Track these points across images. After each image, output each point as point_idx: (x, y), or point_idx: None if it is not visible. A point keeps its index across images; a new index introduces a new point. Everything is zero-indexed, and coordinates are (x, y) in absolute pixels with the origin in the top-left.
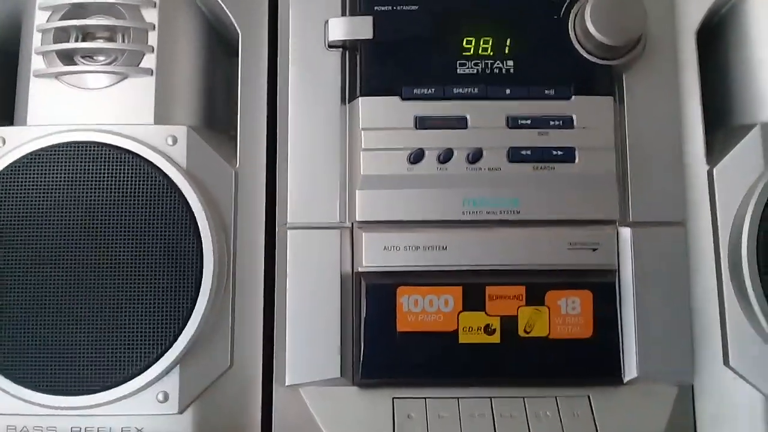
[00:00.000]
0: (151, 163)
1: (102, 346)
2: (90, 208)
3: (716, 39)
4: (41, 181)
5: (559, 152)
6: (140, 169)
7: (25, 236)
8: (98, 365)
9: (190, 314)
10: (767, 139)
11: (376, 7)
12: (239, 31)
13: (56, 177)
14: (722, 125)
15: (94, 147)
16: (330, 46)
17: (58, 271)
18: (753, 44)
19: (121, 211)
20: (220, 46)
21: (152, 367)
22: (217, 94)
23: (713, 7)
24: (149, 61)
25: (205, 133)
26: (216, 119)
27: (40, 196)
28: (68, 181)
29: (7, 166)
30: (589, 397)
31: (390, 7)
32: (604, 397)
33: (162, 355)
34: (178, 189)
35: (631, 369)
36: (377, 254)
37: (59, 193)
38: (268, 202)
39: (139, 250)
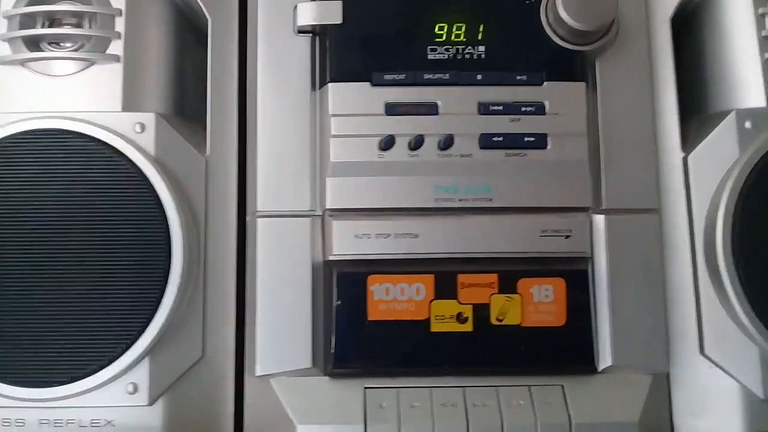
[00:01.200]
0: (119, 151)
1: (70, 336)
2: (56, 197)
3: (691, 26)
4: (6, 169)
5: (531, 139)
6: (107, 158)
7: None
8: (66, 356)
9: (159, 304)
10: (742, 126)
11: None
12: (208, 17)
13: (22, 165)
14: (697, 112)
15: (61, 134)
16: (299, 32)
17: (24, 261)
18: (728, 31)
19: (89, 200)
20: (189, 33)
21: (121, 358)
22: (188, 82)
23: None
24: (116, 47)
25: (175, 120)
26: (187, 107)
27: (4, 185)
28: (34, 169)
29: None
30: (562, 386)
31: None
32: (578, 386)
33: (131, 345)
34: (146, 177)
35: (605, 357)
36: (348, 242)
37: (25, 181)
38: (239, 190)
39: (106, 240)
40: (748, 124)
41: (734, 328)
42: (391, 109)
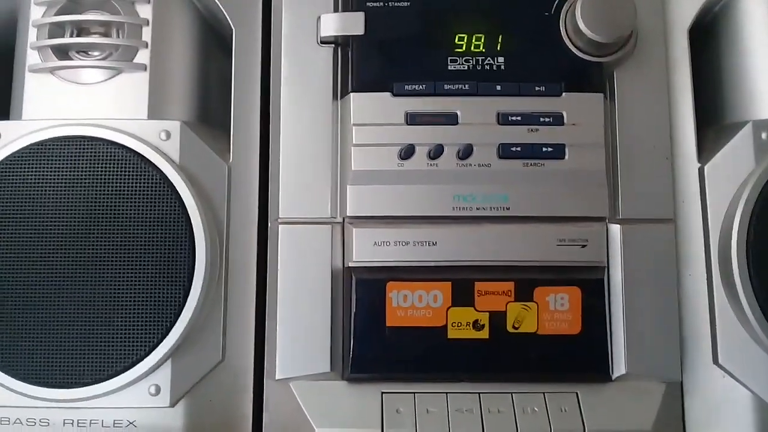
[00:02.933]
0: (144, 157)
1: (94, 338)
2: (83, 203)
3: (709, 36)
4: (36, 175)
5: (549, 149)
6: (133, 164)
7: (19, 230)
8: (90, 358)
9: (182, 308)
10: (758, 137)
11: (368, 3)
12: (233, 27)
13: (50, 171)
14: (714, 123)
15: (88, 141)
16: (322, 42)
17: (52, 265)
18: (745, 42)
19: (115, 206)
20: (214, 42)
21: (144, 360)
22: (212, 90)
23: (706, 5)
24: (143, 56)
25: (199, 128)
26: (211, 115)
27: (34, 190)
28: (62, 175)
29: (3, 160)
30: (577, 393)
31: (382, 3)
32: (592, 394)
33: (154, 348)
34: (171, 184)
35: (619, 365)
36: (367, 249)
37: (53, 187)
38: (261, 197)
39: (131, 244)
40: (764, 135)
41: (748, 338)
42: (412, 119)
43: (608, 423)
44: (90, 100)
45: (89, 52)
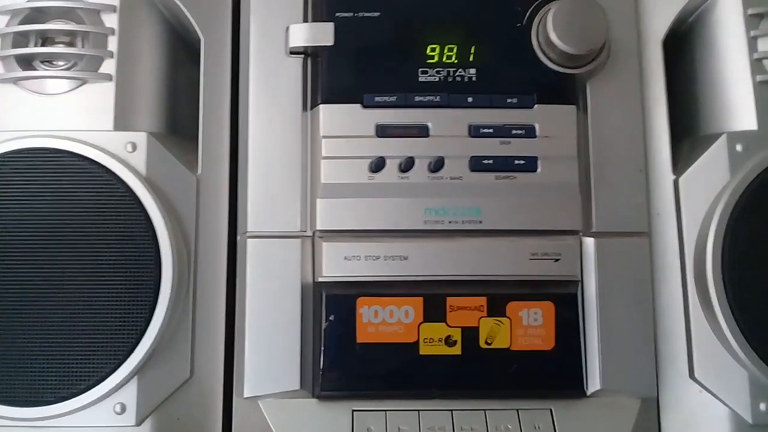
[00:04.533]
0: (110, 170)
1: (58, 356)
2: (47, 216)
3: (683, 47)
4: None
5: (522, 161)
6: (98, 177)
7: None
8: (54, 376)
9: (149, 324)
10: (733, 149)
11: (337, 14)
12: (201, 37)
13: (13, 184)
14: (689, 134)
15: (52, 153)
16: (291, 53)
17: (14, 280)
18: (720, 53)
19: (79, 219)
20: (183, 52)
21: (109, 377)
22: (181, 100)
23: (680, 16)
24: (109, 66)
25: (167, 139)
26: (180, 125)
27: None
28: (25, 188)
29: None
30: (551, 410)
31: (352, 14)
32: (567, 410)
33: (119, 365)
34: (137, 197)
35: (594, 381)
36: (337, 264)
37: (16, 200)
38: (231, 210)
39: (96, 259)
40: (739, 147)
41: (724, 352)
42: (382, 131)
43: None
44: (54, 111)
45: (54, 62)
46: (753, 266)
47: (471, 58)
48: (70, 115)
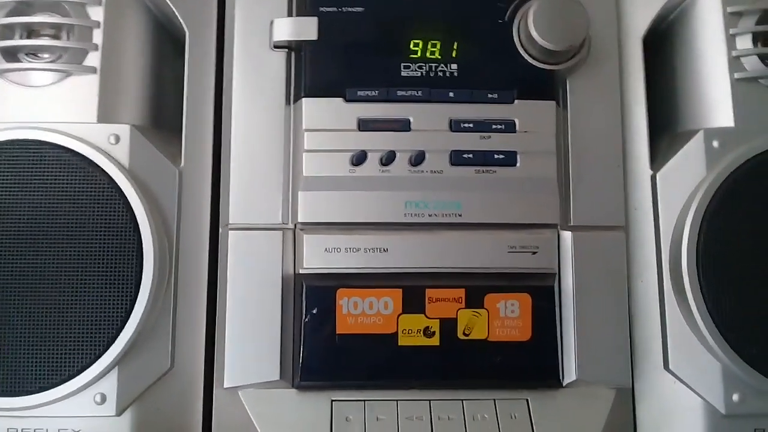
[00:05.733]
0: (92, 162)
1: (38, 346)
2: (30, 207)
3: (663, 44)
4: None
5: (501, 156)
6: (81, 169)
7: None
8: (35, 366)
9: (129, 315)
10: (710, 146)
11: (321, 9)
12: (186, 30)
13: None
14: (667, 130)
15: (35, 145)
16: (275, 47)
17: None
18: (699, 51)
19: (62, 211)
20: (168, 45)
21: (90, 368)
22: (165, 93)
23: (661, 13)
24: (93, 59)
25: (151, 132)
26: (164, 118)
27: None
28: (8, 179)
29: None
30: (527, 399)
31: (335, 9)
32: (543, 400)
33: (100, 356)
34: (119, 188)
35: (570, 372)
36: (318, 256)
37: None
38: (213, 203)
39: (78, 250)
40: (715, 144)
41: (698, 344)
42: (364, 125)
43: (558, 429)
44: (39, 103)
45: (39, 55)
46: (727, 260)
47: (453, 54)
48: (54, 107)
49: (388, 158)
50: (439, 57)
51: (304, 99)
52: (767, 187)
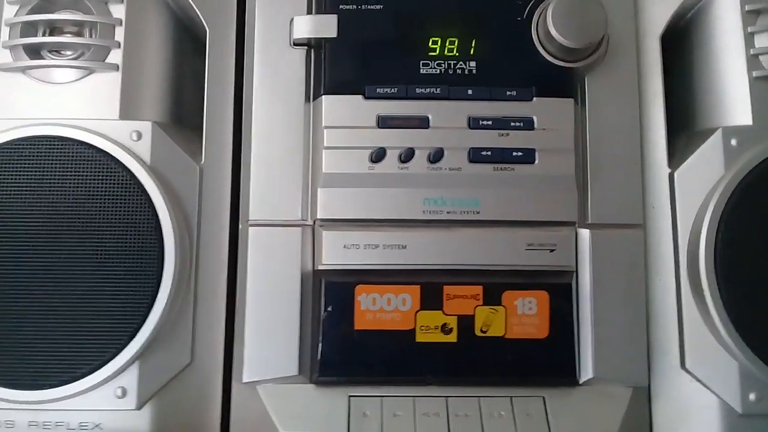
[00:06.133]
0: (115, 158)
1: (61, 340)
2: (53, 203)
3: (681, 42)
4: (5, 176)
5: (519, 153)
6: (103, 165)
7: None
8: (57, 360)
9: (150, 310)
10: (728, 144)
11: (341, 6)
12: (207, 28)
13: (20, 171)
14: (685, 128)
15: (58, 141)
16: (295, 44)
17: (18, 265)
18: (717, 49)
19: (84, 206)
20: (188, 43)
21: (111, 362)
22: (186, 90)
23: (679, 11)
24: (115, 56)
25: (172, 129)
26: (185, 115)
27: (2, 191)
28: (32, 175)
29: None
30: (543, 397)
31: (355, 6)
32: (559, 398)
33: (121, 350)
34: (141, 184)
35: (586, 370)
36: (337, 252)
37: (22, 187)
38: (233, 199)
39: (100, 245)
40: (734, 142)
41: (715, 343)
42: (383, 122)
43: (574, 427)
44: (61, 100)
45: (61, 52)
46: (745, 259)
47: (472, 51)
48: (77, 104)
49: (407, 155)
50: (458, 54)
51: (323, 96)
52: None
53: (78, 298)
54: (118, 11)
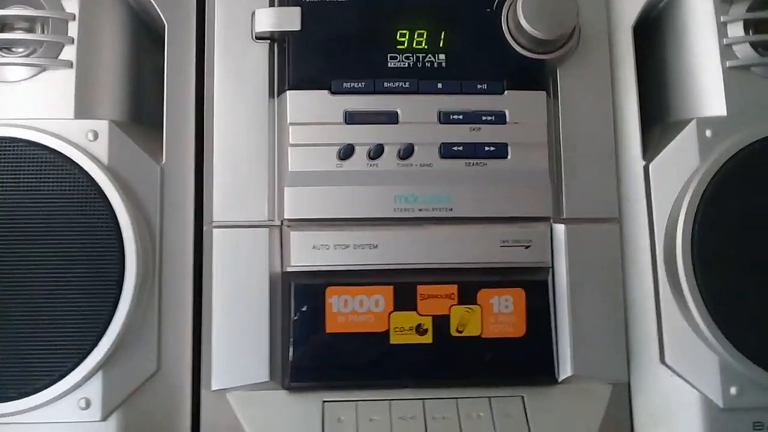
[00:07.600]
0: (70, 159)
1: (19, 350)
2: (6, 207)
3: (654, 33)
4: None
5: (492, 148)
6: (58, 166)
7: None
8: (15, 371)
9: (112, 317)
10: (702, 135)
11: None
12: (165, 22)
13: None
14: (659, 120)
15: (11, 143)
16: (257, 38)
17: None
18: (690, 39)
19: (40, 210)
20: (147, 38)
21: (73, 372)
22: (145, 88)
23: (651, 2)
24: (69, 52)
25: (131, 128)
26: (144, 114)
27: None
28: None
29: None
30: (522, 397)
31: None
32: (539, 397)
33: (83, 359)
34: (99, 186)
35: (565, 368)
36: (306, 253)
37: None
38: (197, 200)
39: (58, 251)
40: (708, 133)
41: (694, 336)
42: (351, 118)
43: (554, 426)
44: (13, 99)
45: (12, 49)
46: (722, 251)
47: (441, 44)
48: (29, 103)
49: (376, 152)
50: (427, 47)
51: (288, 92)
52: (761, 177)
53: (36, 306)
54: (71, 6)
